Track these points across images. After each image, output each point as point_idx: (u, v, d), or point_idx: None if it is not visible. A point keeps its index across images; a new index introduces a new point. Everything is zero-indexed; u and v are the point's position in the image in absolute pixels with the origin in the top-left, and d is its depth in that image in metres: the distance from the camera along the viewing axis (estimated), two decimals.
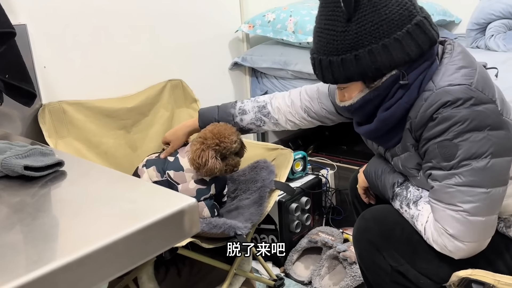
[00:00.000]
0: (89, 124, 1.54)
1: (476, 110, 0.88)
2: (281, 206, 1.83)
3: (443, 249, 0.96)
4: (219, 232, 1.34)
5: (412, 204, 1.01)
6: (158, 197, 0.76)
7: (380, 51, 0.91)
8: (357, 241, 1.11)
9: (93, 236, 0.62)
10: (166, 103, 1.77)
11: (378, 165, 1.14)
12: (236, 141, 1.36)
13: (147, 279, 1.43)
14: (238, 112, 1.38)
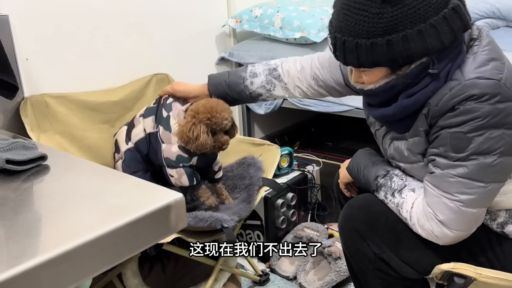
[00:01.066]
0: (73, 117, 1.51)
1: (499, 107, 0.86)
2: (267, 202, 1.83)
3: (429, 234, 0.96)
4: (205, 225, 1.33)
5: (397, 193, 1.01)
6: (144, 192, 0.75)
7: (414, 38, 0.84)
8: (342, 228, 1.12)
9: (77, 231, 0.61)
10: (151, 97, 1.74)
11: (360, 160, 1.14)
12: (227, 118, 1.33)
13: (131, 275, 1.41)
14: (249, 75, 1.30)
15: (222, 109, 1.31)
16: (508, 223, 1.00)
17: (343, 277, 1.63)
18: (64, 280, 0.58)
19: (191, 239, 1.33)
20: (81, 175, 0.82)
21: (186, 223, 0.75)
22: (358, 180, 1.15)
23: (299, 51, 1.90)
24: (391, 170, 1.06)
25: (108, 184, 0.78)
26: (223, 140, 1.36)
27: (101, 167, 0.86)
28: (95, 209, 0.69)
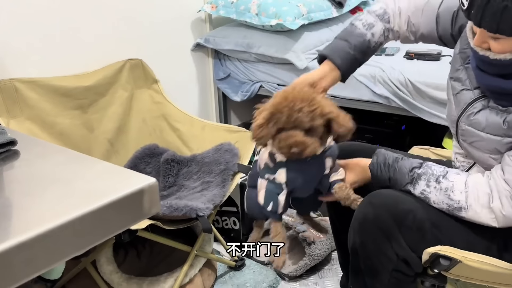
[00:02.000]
0: (43, 103, 1.48)
1: None
2: (243, 189, 1.84)
3: (494, 212, 0.91)
4: (180, 214, 1.33)
5: (442, 178, 0.96)
6: (117, 177, 0.75)
7: None
8: (363, 228, 1.03)
9: (48, 216, 0.61)
10: (125, 83, 1.72)
11: (387, 156, 1.04)
12: (302, 111, 0.94)
13: (105, 262, 1.41)
14: (365, 28, 1.12)
15: (300, 98, 0.95)
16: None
17: (317, 261, 1.67)
18: (36, 264, 0.57)
19: (166, 226, 1.33)
20: (52, 161, 0.80)
21: (160, 207, 0.75)
22: (382, 178, 1.03)
23: (275, 38, 1.91)
24: (424, 162, 1.01)
25: (80, 169, 0.77)
26: (291, 142, 0.94)
27: (73, 152, 0.84)
28: (67, 194, 0.68)
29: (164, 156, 1.69)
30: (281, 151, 0.99)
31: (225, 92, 2.17)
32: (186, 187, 1.61)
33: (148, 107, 1.79)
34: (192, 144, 1.76)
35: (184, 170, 1.69)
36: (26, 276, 0.57)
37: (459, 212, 0.96)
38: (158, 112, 1.80)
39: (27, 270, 0.57)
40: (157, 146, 1.78)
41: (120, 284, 1.40)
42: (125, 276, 1.43)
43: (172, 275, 1.46)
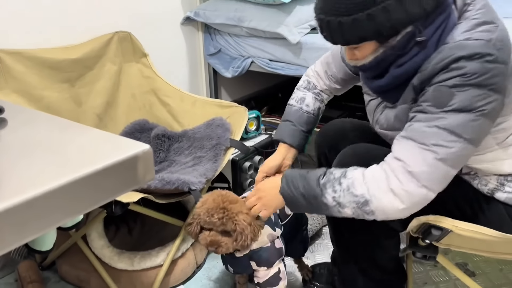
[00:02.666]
0: (30, 75, 1.43)
1: (487, 67, 0.85)
2: (234, 165, 1.84)
3: (396, 192, 0.90)
4: (172, 188, 1.32)
5: (342, 178, 0.95)
6: (109, 144, 0.73)
7: (395, 7, 0.84)
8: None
9: (39, 181, 0.59)
10: (113, 56, 1.68)
11: (293, 177, 1.03)
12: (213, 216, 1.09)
13: (96, 236, 1.39)
14: (299, 103, 1.29)
15: (215, 205, 1.10)
16: (498, 190, 1.02)
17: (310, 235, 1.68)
18: (27, 229, 0.56)
19: (158, 199, 1.32)
20: (41, 128, 0.78)
21: (154, 175, 0.74)
22: (296, 200, 1.01)
23: (267, 12, 1.87)
24: (327, 169, 1.01)
25: (71, 136, 0.75)
26: (207, 242, 1.11)
27: (63, 120, 0.82)
28: (58, 160, 0.66)
29: (155, 131, 1.66)
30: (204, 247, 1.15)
31: (215, 68, 2.13)
32: (178, 162, 1.60)
33: (137, 81, 1.75)
34: (182, 120, 1.74)
35: (175, 145, 1.68)
36: (16, 242, 0.55)
37: (366, 207, 0.93)
38: (148, 86, 1.76)
39: (18, 236, 0.55)
40: (147, 121, 1.75)
41: (112, 258, 1.39)
42: (116, 250, 1.42)
43: (164, 249, 1.45)
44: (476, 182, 1.04)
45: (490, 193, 1.03)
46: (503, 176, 1.02)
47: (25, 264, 1.50)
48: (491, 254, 1.06)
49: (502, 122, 0.95)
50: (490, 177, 1.03)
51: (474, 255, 1.64)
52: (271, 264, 1.21)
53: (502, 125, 0.95)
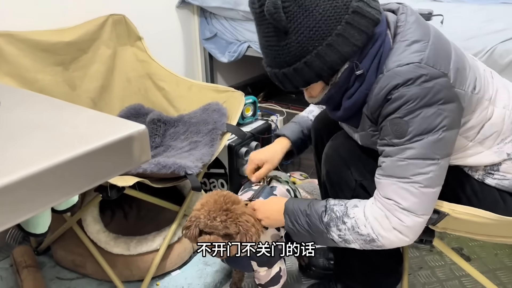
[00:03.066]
0: (23, 58, 1.41)
1: (427, 87, 0.88)
2: (231, 150, 1.83)
3: (400, 228, 0.93)
4: (168, 172, 1.30)
5: (345, 218, 0.97)
6: (105, 123, 0.72)
7: (326, 51, 0.90)
8: (328, 157, 1.13)
9: (33, 159, 0.58)
10: (107, 39, 1.65)
11: (296, 212, 1.04)
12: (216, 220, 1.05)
13: (92, 221, 1.39)
14: (307, 113, 1.38)
15: (216, 207, 1.06)
16: (488, 177, 1.05)
17: None
18: (22, 208, 0.55)
19: (154, 184, 1.31)
20: (35, 108, 0.76)
21: (150, 156, 0.73)
22: (302, 235, 1.04)
23: None
24: (326, 203, 1.02)
25: (66, 116, 0.73)
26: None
27: (57, 100, 0.80)
28: (53, 139, 0.65)
29: (150, 116, 1.64)
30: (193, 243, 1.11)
31: (211, 52, 2.11)
32: (174, 147, 1.59)
33: (132, 65, 1.73)
34: (178, 104, 1.72)
35: (171, 130, 1.66)
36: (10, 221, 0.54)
37: (375, 243, 0.96)
38: (143, 71, 1.74)
39: (11, 215, 0.54)
40: (142, 106, 1.73)
41: (108, 243, 1.39)
42: (112, 235, 1.41)
43: (161, 234, 1.45)
44: (467, 169, 1.06)
45: (480, 179, 1.05)
46: (489, 167, 1.04)
47: (20, 249, 1.49)
48: (487, 237, 1.07)
49: (468, 122, 0.97)
50: (477, 167, 1.05)
51: (469, 240, 1.65)
52: (273, 264, 1.19)
53: (468, 124, 0.98)
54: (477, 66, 1.01)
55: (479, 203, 1.02)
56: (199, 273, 1.48)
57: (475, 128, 0.99)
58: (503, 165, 1.02)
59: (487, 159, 1.02)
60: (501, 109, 1.00)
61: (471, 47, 1.57)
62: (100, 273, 1.40)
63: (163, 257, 1.42)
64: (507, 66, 1.50)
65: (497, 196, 1.03)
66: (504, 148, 1.01)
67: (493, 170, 1.04)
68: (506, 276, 1.47)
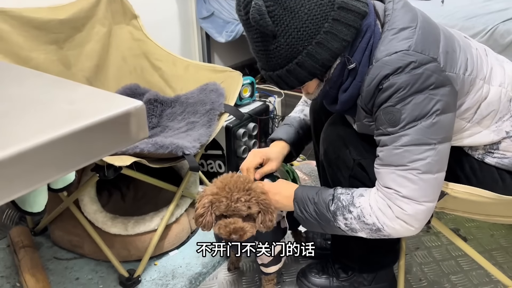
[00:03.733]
0: (16, 36, 1.38)
1: (416, 73, 0.87)
2: (228, 131, 1.81)
3: (403, 217, 0.92)
4: (166, 152, 1.29)
5: (351, 206, 0.98)
6: (100, 100, 0.70)
7: (316, 50, 0.91)
8: (326, 136, 1.13)
9: (28, 135, 0.56)
10: (102, 18, 1.62)
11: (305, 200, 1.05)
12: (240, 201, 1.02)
13: (89, 201, 1.38)
14: (297, 113, 1.35)
15: (237, 188, 1.03)
16: (488, 156, 1.04)
17: None
18: (16, 184, 0.53)
19: (152, 164, 1.30)
20: (29, 83, 0.75)
21: (147, 133, 0.71)
22: (311, 222, 1.04)
23: None
24: (334, 192, 1.02)
25: (61, 92, 0.72)
26: (233, 228, 1.03)
27: (52, 76, 0.78)
28: (48, 115, 0.63)
29: (147, 96, 1.63)
30: (221, 236, 1.07)
31: (208, 32, 2.08)
32: (171, 128, 1.57)
33: (127, 44, 1.70)
34: (175, 84, 1.70)
35: (167, 111, 1.64)
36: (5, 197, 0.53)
37: (381, 232, 0.96)
38: (139, 50, 1.71)
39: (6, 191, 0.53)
40: (139, 86, 1.71)
41: (105, 223, 1.38)
42: (109, 215, 1.41)
43: (158, 214, 1.44)
44: (467, 148, 1.06)
45: (480, 158, 1.05)
46: (489, 146, 1.03)
47: (17, 229, 1.49)
48: (485, 217, 1.07)
49: (463, 104, 0.97)
50: (477, 147, 1.04)
51: (466, 221, 1.66)
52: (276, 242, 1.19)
53: (463, 106, 0.97)
54: (469, 46, 1.00)
55: (478, 182, 1.02)
56: (197, 253, 1.48)
57: (471, 109, 0.98)
58: (503, 144, 1.02)
59: (486, 138, 1.02)
60: (496, 87, 0.99)
61: (472, 27, 1.56)
62: (97, 253, 1.40)
63: (161, 237, 1.42)
64: (507, 46, 1.48)
65: (496, 175, 1.03)
66: (502, 126, 1.01)
67: (493, 149, 1.03)
68: (502, 256, 1.48)
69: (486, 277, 1.38)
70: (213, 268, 1.43)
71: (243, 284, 1.37)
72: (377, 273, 1.28)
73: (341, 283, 1.28)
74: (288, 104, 2.12)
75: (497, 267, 1.16)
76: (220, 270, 1.44)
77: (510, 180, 1.03)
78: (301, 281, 1.33)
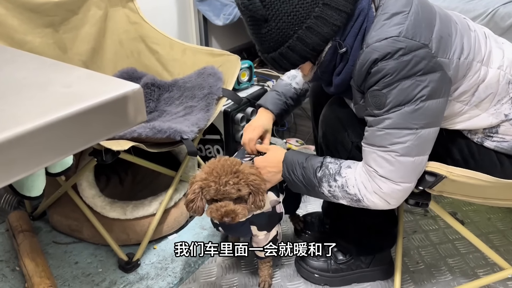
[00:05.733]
0: (11, 18, 1.35)
1: (404, 60, 0.87)
2: (226, 116, 1.81)
3: (380, 194, 0.97)
4: (164, 136, 1.29)
5: (337, 175, 1.01)
6: (97, 83, 0.69)
7: (307, 34, 0.93)
8: (325, 118, 1.15)
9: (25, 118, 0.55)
10: (98, 0, 1.59)
11: (293, 163, 1.08)
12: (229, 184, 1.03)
13: (87, 186, 1.38)
14: (290, 79, 1.34)
15: (224, 172, 1.03)
16: (487, 140, 1.04)
17: None
18: (13, 168, 0.53)
19: (150, 148, 1.29)
20: (25, 66, 0.74)
21: (145, 117, 0.71)
22: (296, 184, 1.07)
23: None
24: (323, 160, 1.05)
25: (57, 74, 0.71)
26: (224, 211, 1.03)
27: (47, 59, 0.77)
28: (44, 98, 0.62)
29: (144, 80, 1.61)
30: (214, 220, 1.09)
31: (205, 15, 2.05)
32: (168, 113, 1.56)
33: (124, 27, 1.68)
34: (172, 68, 1.69)
35: (165, 95, 1.63)
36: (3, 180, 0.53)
37: (360, 203, 1.01)
38: (135, 33, 1.69)
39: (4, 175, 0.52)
40: (135, 70, 1.69)
41: (104, 208, 1.38)
42: (108, 200, 1.41)
43: (157, 199, 1.45)
44: (466, 132, 1.06)
45: (479, 142, 1.05)
46: (488, 129, 1.03)
47: (15, 214, 1.49)
48: (483, 200, 1.07)
49: (459, 87, 0.97)
50: (477, 130, 1.04)
51: (463, 205, 1.67)
52: (271, 228, 1.21)
53: (460, 89, 0.97)
54: (467, 29, 0.99)
55: (476, 165, 1.02)
56: (196, 237, 1.49)
57: (469, 92, 0.98)
58: (502, 127, 1.02)
59: (485, 121, 1.02)
60: (495, 70, 0.98)
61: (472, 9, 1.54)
62: (96, 237, 1.41)
63: (160, 222, 1.43)
64: (508, 29, 1.47)
65: (495, 158, 1.03)
66: (501, 109, 1.00)
67: (492, 133, 1.03)
68: (499, 239, 1.50)
69: (482, 260, 1.40)
70: None
71: (242, 267, 1.38)
72: (375, 256, 1.29)
73: (339, 266, 1.29)
74: None
75: (494, 250, 1.17)
76: None
77: (509, 164, 1.03)
78: (299, 264, 1.34)
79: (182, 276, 1.33)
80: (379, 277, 1.32)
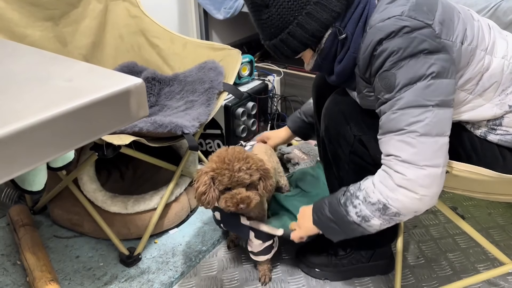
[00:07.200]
0: (11, 12, 1.35)
1: (409, 37, 0.87)
2: (227, 111, 1.80)
3: (402, 186, 0.89)
4: (165, 131, 1.28)
5: (358, 192, 0.97)
6: (99, 77, 0.69)
7: (306, 20, 0.93)
8: (328, 111, 1.14)
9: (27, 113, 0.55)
10: None
11: (320, 205, 1.06)
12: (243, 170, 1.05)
13: (88, 180, 1.37)
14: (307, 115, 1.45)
15: (236, 158, 1.05)
16: (490, 133, 1.03)
17: None
18: (15, 163, 0.53)
19: (151, 143, 1.29)
20: (26, 60, 0.73)
21: (147, 111, 0.70)
22: (329, 226, 1.03)
23: None
24: (345, 188, 1.02)
25: (59, 68, 0.70)
26: (240, 198, 1.05)
27: (48, 53, 0.77)
28: (45, 92, 0.62)
29: (144, 74, 1.60)
30: (228, 209, 1.08)
31: (206, 8, 2.04)
32: (169, 107, 1.56)
33: (124, 21, 1.67)
34: (173, 63, 1.68)
35: (166, 89, 1.62)
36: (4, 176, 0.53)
37: (388, 211, 0.93)
38: (136, 27, 1.68)
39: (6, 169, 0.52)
40: (136, 64, 1.68)
41: (105, 202, 1.38)
42: (109, 194, 1.41)
43: (158, 193, 1.45)
44: (469, 126, 1.05)
45: (483, 136, 1.04)
46: (491, 122, 1.02)
47: (16, 208, 1.49)
48: (485, 195, 1.07)
49: (464, 74, 0.96)
50: (480, 123, 1.04)
51: (463, 200, 1.67)
52: (267, 240, 1.22)
53: (465, 76, 0.96)
54: (470, 18, 0.98)
55: (479, 159, 1.02)
56: (197, 231, 1.50)
57: (473, 80, 0.97)
58: (506, 119, 1.01)
59: (489, 112, 1.01)
60: (499, 59, 0.98)
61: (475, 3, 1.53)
62: (97, 231, 1.41)
63: (161, 216, 1.43)
64: (510, 23, 1.46)
65: (497, 152, 1.03)
66: (506, 100, 1.00)
67: (496, 125, 1.02)
68: (499, 234, 1.50)
69: (483, 254, 1.40)
70: (212, 246, 1.45)
71: (242, 262, 1.39)
72: (375, 251, 1.29)
73: (340, 261, 1.29)
74: (288, 83, 2.11)
75: (494, 245, 1.17)
76: (220, 248, 1.45)
77: (511, 158, 1.03)
78: (300, 259, 1.34)
79: (183, 270, 1.34)
80: (380, 272, 1.32)
